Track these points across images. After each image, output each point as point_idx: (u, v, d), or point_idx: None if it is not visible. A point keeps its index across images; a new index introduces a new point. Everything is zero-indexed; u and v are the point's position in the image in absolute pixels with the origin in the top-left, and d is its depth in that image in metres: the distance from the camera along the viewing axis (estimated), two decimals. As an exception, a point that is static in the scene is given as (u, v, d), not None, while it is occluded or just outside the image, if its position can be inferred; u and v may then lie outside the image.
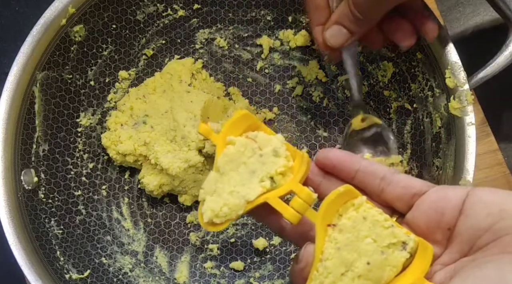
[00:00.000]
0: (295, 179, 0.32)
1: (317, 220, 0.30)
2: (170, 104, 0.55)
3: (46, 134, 0.50)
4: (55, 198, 0.50)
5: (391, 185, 0.31)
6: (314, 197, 0.31)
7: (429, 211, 0.30)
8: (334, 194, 0.30)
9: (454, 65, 0.45)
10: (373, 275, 0.29)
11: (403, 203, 0.31)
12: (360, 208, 0.30)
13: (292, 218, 0.31)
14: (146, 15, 0.54)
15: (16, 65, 0.47)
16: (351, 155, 0.32)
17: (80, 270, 0.49)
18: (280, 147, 0.32)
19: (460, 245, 0.29)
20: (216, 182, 0.32)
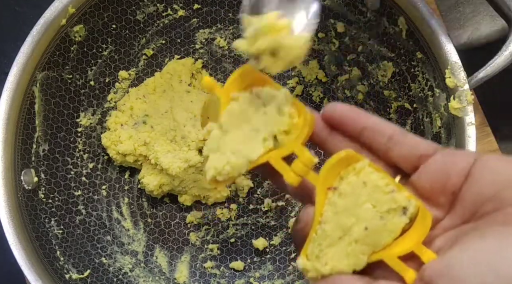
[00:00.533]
0: (298, 140, 0.31)
1: (317, 183, 0.30)
2: (170, 104, 0.55)
3: (46, 134, 0.50)
4: (55, 198, 0.50)
5: (398, 145, 0.30)
6: (314, 161, 0.30)
7: (435, 173, 0.29)
8: (335, 158, 0.30)
9: (454, 65, 0.45)
10: (371, 240, 0.29)
11: (409, 163, 0.30)
12: (361, 172, 0.30)
13: (292, 180, 0.30)
14: (146, 15, 0.54)
15: (16, 65, 0.47)
16: (359, 111, 0.31)
17: (80, 270, 0.49)
18: (284, 104, 0.32)
19: (462, 211, 0.28)
20: (219, 140, 0.32)
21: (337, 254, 0.29)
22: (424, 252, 0.28)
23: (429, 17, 0.46)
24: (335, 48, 0.55)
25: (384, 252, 0.29)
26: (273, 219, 0.55)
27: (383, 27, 0.50)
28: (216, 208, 0.56)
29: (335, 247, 0.30)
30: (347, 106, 0.31)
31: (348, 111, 0.31)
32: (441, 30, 0.46)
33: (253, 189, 0.56)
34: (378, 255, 0.29)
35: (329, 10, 0.53)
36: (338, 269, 0.29)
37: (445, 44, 0.45)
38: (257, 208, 0.56)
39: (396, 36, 0.49)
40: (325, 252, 0.30)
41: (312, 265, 0.30)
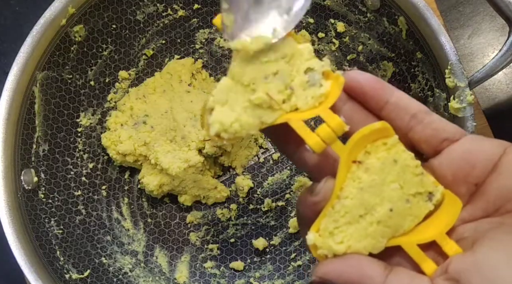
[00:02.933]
0: (326, 103, 0.28)
1: (343, 153, 0.27)
2: (170, 104, 0.55)
3: (46, 134, 0.50)
4: (55, 198, 0.50)
5: (421, 125, 0.28)
6: (345, 128, 0.27)
7: (459, 161, 0.27)
8: (368, 129, 0.27)
9: (454, 65, 0.45)
10: (393, 222, 0.27)
11: (431, 146, 0.28)
12: (392, 149, 0.27)
13: (316, 146, 0.27)
14: (146, 15, 0.54)
15: (16, 65, 0.47)
16: (384, 83, 0.28)
17: (80, 270, 0.49)
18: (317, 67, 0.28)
19: (485, 204, 0.26)
20: (229, 91, 0.28)
21: (356, 233, 0.27)
22: (447, 243, 0.27)
23: (429, 17, 0.46)
24: (335, 48, 0.55)
25: (404, 238, 0.27)
26: (273, 219, 0.55)
27: (383, 27, 0.50)
28: (216, 208, 0.56)
29: (354, 225, 0.27)
30: (371, 77, 0.28)
31: (372, 82, 0.28)
32: (441, 30, 0.46)
33: (253, 189, 0.56)
34: (397, 241, 0.27)
35: (329, 10, 0.53)
36: (354, 249, 0.27)
37: (445, 44, 0.45)
38: (257, 208, 0.56)
39: (396, 36, 0.49)
40: (342, 230, 0.27)
41: (324, 242, 0.27)
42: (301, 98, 0.28)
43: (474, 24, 0.62)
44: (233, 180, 0.56)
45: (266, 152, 0.57)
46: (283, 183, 0.56)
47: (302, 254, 0.54)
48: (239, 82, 0.28)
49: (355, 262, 0.26)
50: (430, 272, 0.26)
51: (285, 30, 0.28)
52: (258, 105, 0.27)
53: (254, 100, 0.27)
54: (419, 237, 0.27)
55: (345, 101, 0.29)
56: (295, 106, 0.28)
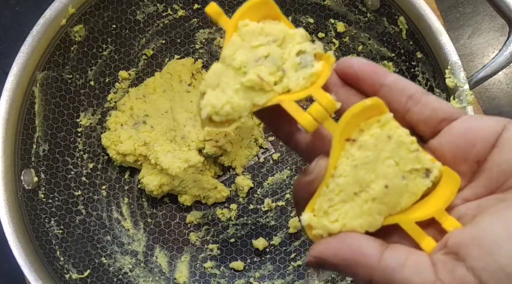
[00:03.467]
0: (318, 83, 0.28)
1: (335, 131, 0.27)
2: (170, 104, 0.55)
3: (46, 134, 0.50)
4: (55, 198, 0.50)
5: (418, 106, 0.27)
6: (336, 106, 0.27)
7: (458, 140, 0.26)
8: (360, 106, 0.27)
9: (454, 65, 0.45)
10: (389, 200, 0.27)
11: (429, 127, 0.27)
12: (386, 125, 0.27)
13: (308, 125, 0.27)
14: (146, 15, 0.54)
15: (16, 65, 0.47)
16: (378, 66, 0.28)
17: (80, 270, 0.49)
18: (309, 49, 0.28)
19: (487, 181, 0.26)
20: (221, 75, 0.28)
21: (351, 211, 0.27)
22: (446, 219, 0.26)
23: (429, 17, 0.46)
24: (335, 48, 0.55)
25: (402, 215, 0.27)
26: (273, 219, 0.55)
27: (383, 27, 0.50)
28: (216, 208, 0.56)
29: (348, 203, 0.27)
30: (365, 61, 0.28)
31: (365, 67, 0.28)
32: (441, 30, 0.46)
33: (253, 189, 0.56)
34: (394, 219, 0.27)
35: (329, 10, 0.53)
36: (350, 227, 0.26)
37: (445, 44, 0.45)
38: (257, 208, 0.56)
39: (396, 36, 0.49)
40: (336, 208, 0.27)
41: (319, 222, 0.27)
42: (292, 80, 0.28)
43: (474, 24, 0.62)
44: (233, 180, 0.56)
45: (266, 152, 0.57)
46: (283, 183, 0.56)
47: (302, 254, 0.54)
48: (230, 66, 0.28)
49: (350, 240, 0.26)
50: (429, 250, 0.26)
51: None
52: (250, 87, 0.28)
53: (245, 82, 0.27)
54: (417, 214, 0.27)
55: (340, 87, 0.28)
56: (287, 87, 0.28)
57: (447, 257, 0.25)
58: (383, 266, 0.25)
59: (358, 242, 0.26)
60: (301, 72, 0.28)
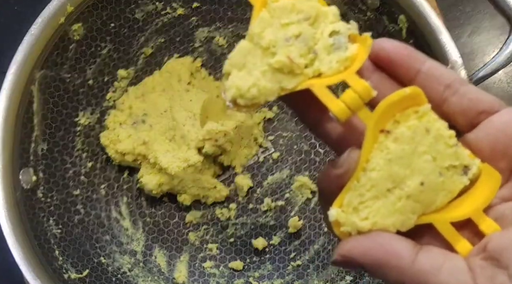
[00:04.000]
0: (352, 68, 0.26)
1: (370, 122, 0.25)
2: (169, 103, 0.54)
3: (45, 133, 0.50)
4: (53, 197, 0.50)
5: (456, 96, 0.25)
6: (372, 93, 0.25)
7: (498, 134, 0.25)
8: (398, 95, 0.24)
9: (455, 64, 0.45)
10: (425, 197, 0.25)
11: (467, 119, 0.25)
12: (424, 117, 0.25)
13: (340, 113, 0.25)
14: (145, 13, 0.54)
15: (15, 64, 0.47)
16: (414, 50, 0.26)
17: (79, 270, 0.49)
18: (343, 30, 0.26)
19: None
20: (247, 54, 0.26)
21: (383, 208, 0.25)
22: (484, 220, 0.25)
23: (429, 16, 0.46)
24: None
25: (436, 215, 0.25)
26: (273, 218, 0.55)
27: (383, 26, 0.50)
28: (215, 208, 0.56)
29: (381, 200, 0.25)
30: (400, 44, 0.26)
31: (401, 51, 0.26)
32: (442, 29, 0.45)
33: (252, 189, 0.56)
34: (428, 218, 0.25)
35: (328, 8, 0.53)
36: (381, 225, 0.25)
37: (446, 42, 0.45)
38: (256, 208, 0.56)
39: (396, 35, 0.49)
40: (367, 205, 0.25)
41: (348, 218, 0.25)
42: (325, 63, 0.26)
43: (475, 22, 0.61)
44: (232, 180, 0.56)
45: (266, 152, 0.57)
46: (283, 182, 0.56)
47: (301, 253, 0.54)
48: (258, 45, 0.26)
49: (381, 239, 0.24)
50: (464, 253, 0.24)
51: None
52: (278, 70, 0.26)
53: (273, 64, 0.26)
54: (452, 214, 0.25)
55: (371, 71, 0.26)
56: (318, 71, 0.26)
57: (486, 263, 0.23)
58: (417, 269, 0.23)
59: (390, 242, 0.24)
60: (334, 55, 0.26)
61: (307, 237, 0.54)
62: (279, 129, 0.57)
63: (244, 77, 0.26)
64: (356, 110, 0.25)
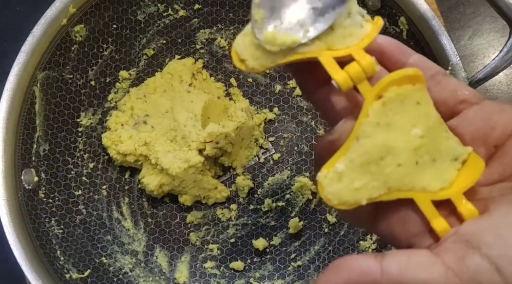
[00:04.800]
0: (360, 44, 0.27)
1: (369, 95, 0.26)
2: (171, 104, 0.55)
3: (47, 134, 0.51)
4: (55, 198, 0.50)
5: (439, 86, 0.27)
6: (376, 68, 0.26)
7: (479, 122, 0.26)
8: (400, 73, 0.25)
9: (455, 66, 0.45)
10: (409, 172, 0.25)
11: (448, 108, 0.27)
12: (417, 92, 0.26)
13: (343, 83, 0.26)
14: (147, 15, 0.54)
15: (17, 65, 0.47)
16: (402, 45, 0.28)
17: (80, 270, 0.49)
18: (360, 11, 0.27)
19: (502, 167, 0.26)
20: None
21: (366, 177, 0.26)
22: (463, 203, 0.25)
23: (430, 18, 0.46)
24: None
25: (418, 192, 0.26)
26: (273, 219, 0.55)
27: (384, 28, 0.50)
28: (216, 208, 0.56)
29: (367, 169, 0.26)
30: (390, 39, 0.28)
31: (390, 45, 0.28)
32: (442, 31, 0.46)
33: (253, 189, 0.56)
34: (410, 194, 0.26)
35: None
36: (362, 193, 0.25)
37: (446, 44, 0.45)
38: (257, 208, 0.56)
39: (397, 37, 0.49)
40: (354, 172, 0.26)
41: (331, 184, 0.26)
42: (338, 38, 0.27)
43: (475, 25, 0.62)
44: (233, 180, 0.56)
45: (267, 153, 0.57)
46: (283, 183, 0.56)
47: (302, 254, 0.54)
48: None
49: (347, 265, 0.25)
50: (439, 230, 0.25)
51: (316, 30, 0.27)
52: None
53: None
54: (434, 193, 0.26)
55: None
56: (331, 45, 0.27)
57: (456, 245, 0.24)
58: (387, 275, 0.24)
59: (355, 263, 0.25)
60: (348, 30, 0.27)
61: (308, 238, 0.54)
62: (280, 130, 0.58)
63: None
64: (358, 82, 0.26)
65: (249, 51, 0.27)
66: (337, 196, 0.26)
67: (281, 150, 0.57)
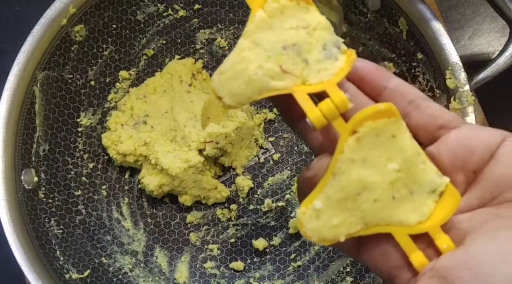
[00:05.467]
0: (334, 79, 0.27)
1: (343, 132, 0.26)
2: (171, 104, 0.55)
3: (47, 134, 0.51)
4: (55, 198, 0.50)
5: (418, 111, 0.27)
6: (348, 106, 0.26)
7: (457, 148, 0.26)
8: (372, 109, 0.25)
9: (455, 66, 0.45)
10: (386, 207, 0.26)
11: (427, 133, 0.27)
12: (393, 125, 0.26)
13: (316, 121, 0.26)
14: (147, 15, 0.54)
15: (17, 65, 0.47)
16: (382, 70, 0.28)
17: (80, 270, 0.49)
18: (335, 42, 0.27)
19: (481, 193, 0.26)
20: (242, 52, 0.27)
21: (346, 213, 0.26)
22: (440, 236, 0.26)
23: (430, 18, 0.46)
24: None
25: (395, 227, 0.26)
26: (273, 219, 0.55)
27: (384, 28, 0.50)
28: (216, 209, 0.56)
29: (344, 205, 0.26)
30: (370, 64, 0.28)
31: (370, 69, 0.28)
32: (442, 31, 0.46)
33: (253, 190, 0.56)
34: (388, 228, 0.26)
35: (329, 10, 0.53)
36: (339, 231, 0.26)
37: (446, 44, 0.45)
38: (257, 209, 0.56)
39: (396, 37, 0.49)
40: (332, 208, 0.26)
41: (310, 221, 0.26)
42: (312, 72, 0.27)
43: (475, 25, 0.62)
44: (233, 181, 0.56)
45: (267, 153, 0.57)
46: (283, 183, 0.56)
47: (302, 254, 0.54)
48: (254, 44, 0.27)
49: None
50: (418, 264, 0.26)
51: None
52: (268, 74, 0.27)
53: (266, 68, 0.27)
54: (411, 227, 0.26)
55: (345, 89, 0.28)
56: (306, 79, 0.27)
57: (432, 281, 0.24)
58: None
59: None
60: (323, 64, 0.27)
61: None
62: (280, 131, 0.58)
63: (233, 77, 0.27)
64: (332, 119, 0.26)
65: (226, 89, 0.27)
66: (316, 233, 0.26)
67: (281, 150, 0.57)
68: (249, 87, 0.27)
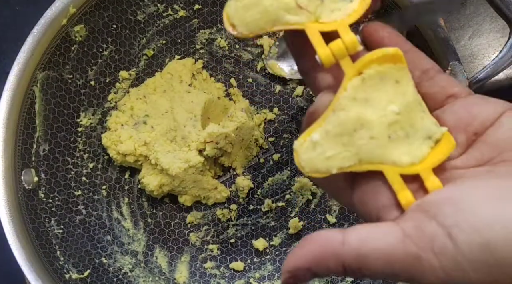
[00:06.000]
0: (347, 20, 0.28)
1: (350, 70, 0.27)
2: (171, 104, 0.55)
3: (47, 134, 0.51)
4: (55, 198, 0.50)
5: (430, 81, 0.28)
6: (358, 47, 0.27)
7: (461, 111, 0.27)
8: (381, 52, 0.26)
9: (455, 66, 0.45)
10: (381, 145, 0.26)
11: (435, 102, 0.28)
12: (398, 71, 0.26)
13: (325, 59, 0.27)
14: (147, 15, 0.54)
15: (17, 65, 0.47)
16: (402, 38, 0.29)
17: (80, 270, 0.49)
18: None
19: (480, 152, 0.26)
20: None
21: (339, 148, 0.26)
22: (431, 179, 0.26)
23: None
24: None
25: (387, 165, 0.26)
26: (273, 219, 0.55)
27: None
28: (216, 209, 0.56)
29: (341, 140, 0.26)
30: (392, 30, 0.29)
31: (391, 35, 0.29)
32: (442, 31, 0.46)
33: (253, 190, 0.56)
34: (379, 166, 0.26)
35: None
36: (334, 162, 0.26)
37: (446, 45, 0.45)
38: (257, 209, 0.56)
39: (396, 37, 0.49)
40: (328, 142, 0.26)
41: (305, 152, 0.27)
42: (326, 11, 0.28)
43: (475, 25, 0.62)
44: (233, 181, 0.56)
45: (266, 153, 0.57)
46: (283, 183, 0.56)
47: (302, 254, 0.54)
48: None
49: (311, 240, 0.26)
50: (404, 203, 0.26)
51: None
52: (283, 7, 0.27)
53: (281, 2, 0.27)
54: (403, 167, 0.27)
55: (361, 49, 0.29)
56: (319, 16, 0.28)
57: (416, 214, 0.25)
58: (348, 246, 0.25)
59: (320, 236, 0.25)
60: (337, 4, 0.28)
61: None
62: (280, 131, 0.58)
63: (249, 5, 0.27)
64: (340, 58, 0.27)
65: (240, 16, 0.28)
66: (310, 164, 0.27)
67: (281, 150, 0.57)
68: (263, 17, 0.27)
